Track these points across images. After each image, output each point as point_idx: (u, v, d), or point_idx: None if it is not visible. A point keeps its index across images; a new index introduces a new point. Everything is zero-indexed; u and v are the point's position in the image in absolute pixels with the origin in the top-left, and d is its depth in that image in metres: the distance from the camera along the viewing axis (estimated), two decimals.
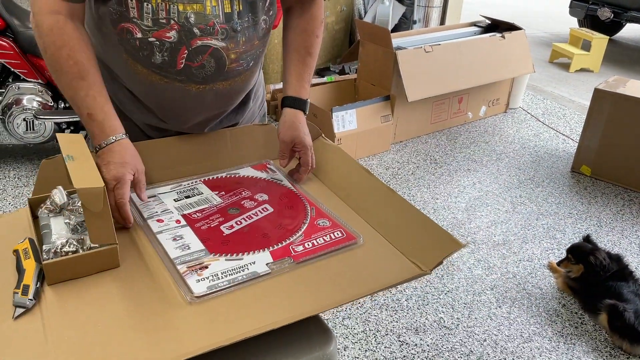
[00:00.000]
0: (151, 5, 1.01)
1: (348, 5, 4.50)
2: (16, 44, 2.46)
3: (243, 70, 1.16)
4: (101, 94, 1.05)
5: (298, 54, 1.26)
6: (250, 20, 1.11)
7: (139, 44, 1.07)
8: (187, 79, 1.11)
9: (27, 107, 2.50)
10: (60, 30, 1.00)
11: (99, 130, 1.03)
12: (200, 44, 1.06)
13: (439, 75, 3.25)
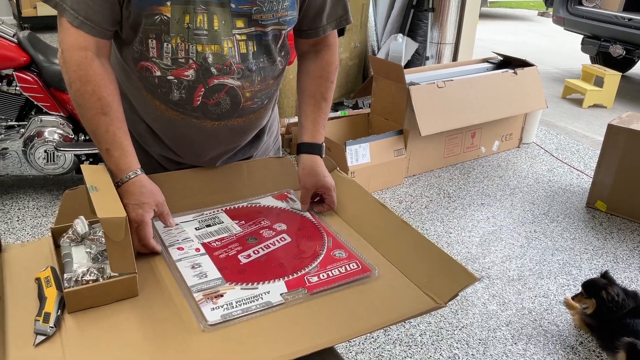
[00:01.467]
0: (171, 45, 1.06)
1: (362, 42, 4.58)
2: (40, 78, 2.54)
3: (257, 107, 1.20)
4: (121, 130, 1.08)
5: (313, 100, 1.29)
6: (265, 61, 1.15)
7: (157, 82, 1.11)
8: (202, 115, 1.15)
9: (48, 139, 2.57)
10: (87, 67, 1.04)
11: (115, 166, 1.06)
12: (216, 82, 1.10)
13: (452, 110, 3.28)
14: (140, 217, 1.01)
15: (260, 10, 1.08)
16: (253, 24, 1.09)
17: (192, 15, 1.04)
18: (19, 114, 2.61)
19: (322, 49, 1.29)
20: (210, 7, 1.04)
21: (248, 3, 1.07)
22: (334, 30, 1.27)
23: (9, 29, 2.55)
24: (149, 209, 1.04)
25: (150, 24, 1.04)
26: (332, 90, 1.31)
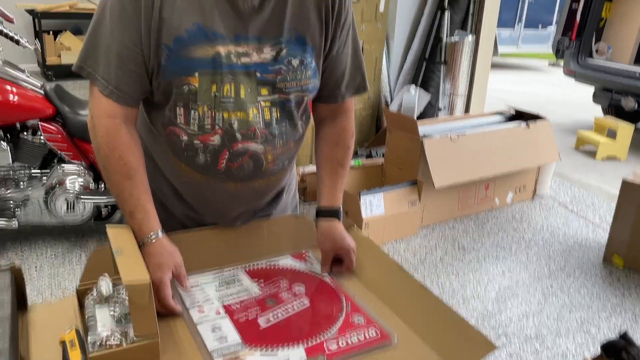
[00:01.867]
0: (198, 113, 1.10)
1: (375, 93, 4.68)
2: (64, 129, 2.62)
3: (278, 169, 1.24)
4: (144, 193, 1.13)
5: (331, 166, 1.33)
6: (287, 126, 1.19)
7: (184, 146, 1.15)
8: (226, 177, 1.18)
9: (69, 188, 2.62)
10: (115, 133, 1.09)
11: (138, 228, 1.10)
12: (240, 147, 1.14)
13: (465, 162, 3.31)
14: (159, 278, 1.04)
15: (284, 79, 1.13)
16: (277, 92, 1.14)
17: (219, 84, 1.08)
18: (42, 163, 2.68)
19: (339, 115, 1.32)
20: (237, 76, 1.09)
21: (273, 72, 1.12)
22: (351, 97, 1.31)
23: (36, 81, 2.65)
24: (167, 270, 1.07)
25: (179, 93, 1.08)
26: (350, 156, 1.34)
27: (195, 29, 1.05)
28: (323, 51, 1.20)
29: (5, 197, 2.60)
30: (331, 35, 1.19)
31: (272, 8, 1.10)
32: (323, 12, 1.17)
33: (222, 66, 1.08)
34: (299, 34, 1.14)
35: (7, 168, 2.59)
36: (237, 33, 1.08)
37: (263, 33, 1.10)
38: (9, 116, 2.51)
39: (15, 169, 2.62)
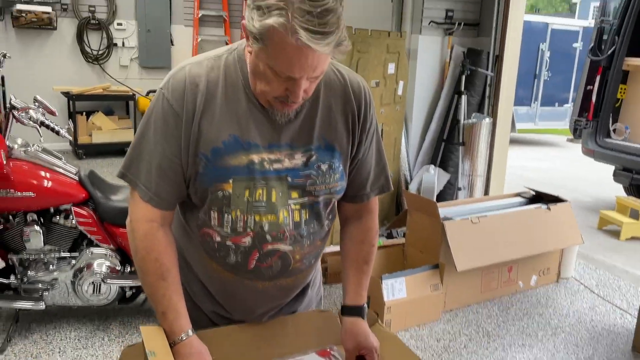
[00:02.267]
0: (231, 216, 1.17)
1: (395, 173, 4.76)
2: (95, 213, 2.71)
3: (305, 267, 1.29)
4: (176, 294, 1.18)
5: (356, 264, 1.36)
6: (315, 226, 1.24)
7: (217, 246, 1.21)
8: (255, 277, 1.23)
9: (96, 271, 2.68)
10: (153, 237, 1.17)
11: (169, 328, 1.15)
12: (270, 248, 1.19)
13: (487, 245, 3.30)
14: None
15: (314, 182, 1.20)
16: (307, 194, 1.20)
17: (252, 189, 1.15)
18: (72, 246, 2.76)
19: (364, 214, 1.37)
20: (270, 181, 1.16)
21: (303, 177, 1.19)
22: (375, 197, 1.37)
23: (72, 168, 2.78)
24: None
25: (214, 198, 1.15)
26: (374, 253, 1.39)
27: (231, 140, 1.14)
28: (350, 155, 1.27)
29: (34, 279, 2.67)
30: (357, 141, 1.26)
31: (303, 118, 1.19)
32: (349, 120, 1.25)
33: (255, 172, 1.15)
34: (327, 141, 1.21)
35: (38, 251, 2.68)
36: (270, 142, 1.16)
37: (295, 141, 1.18)
38: (46, 201, 2.62)
39: (46, 251, 2.70)
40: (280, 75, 1.04)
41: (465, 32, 4.90)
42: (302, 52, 0.99)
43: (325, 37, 0.97)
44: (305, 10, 0.95)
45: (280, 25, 0.96)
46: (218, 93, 1.14)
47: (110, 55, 6.84)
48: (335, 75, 1.23)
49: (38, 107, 2.64)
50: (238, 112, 1.14)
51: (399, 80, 4.45)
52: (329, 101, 1.22)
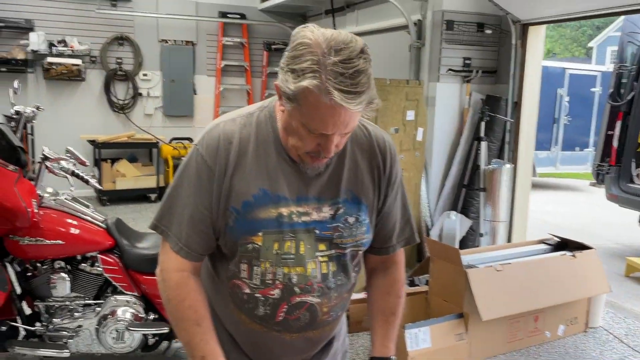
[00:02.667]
0: (260, 269, 1.19)
1: (415, 218, 4.75)
2: (121, 260, 2.75)
3: (332, 320, 1.30)
4: (213, 338, 1.21)
5: (383, 316, 1.38)
6: (343, 278, 1.26)
7: (246, 298, 1.23)
8: (283, 329, 1.24)
9: (120, 319, 2.69)
10: (185, 286, 1.20)
11: None
12: (298, 300, 1.22)
13: (512, 293, 3.25)
14: None
15: (341, 235, 1.23)
16: (334, 247, 1.23)
17: (281, 242, 1.18)
18: (97, 293, 2.79)
19: (390, 266, 1.40)
20: (298, 233, 1.19)
21: (331, 229, 1.22)
22: (401, 249, 1.39)
23: (99, 216, 2.84)
24: None
25: (244, 250, 1.19)
26: (401, 305, 1.40)
27: (261, 193, 1.18)
28: (376, 208, 1.29)
29: (59, 326, 2.69)
30: (383, 194, 1.30)
31: (331, 172, 1.23)
32: (375, 174, 1.28)
33: (284, 225, 1.18)
34: (354, 194, 1.25)
35: (64, 298, 2.71)
36: (299, 195, 1.20)
37: (322, 194, 1.22)
38: (73, 249, 2.67)
39: (72, 298, 2.73)
40: (313, 132, 1.10)
41: (483, 79, 4.97)
42: (335, 111, 1.05)
43: (358, 97, 1.03)
44: (338, 72, 1.02)
45: (314, 86, 1.03)
46: (250, 149, 1.19)
47: (135, 104, 7.06)
48: (361, 131, 1.28)
49: (70, 158, 2.73)
50: (268, 167, 1.19)
51: (418, 127, 4.51)
52: (355, 155, 1.26)
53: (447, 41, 4.76)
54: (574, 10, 4.12)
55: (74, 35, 6.60)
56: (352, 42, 1.06)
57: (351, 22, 6.34)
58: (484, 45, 4.90)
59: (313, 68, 1.03)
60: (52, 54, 6.45)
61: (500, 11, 4.57)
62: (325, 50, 1.03)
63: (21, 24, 6.34)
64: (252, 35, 7.61)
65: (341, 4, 6.39)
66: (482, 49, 4.91)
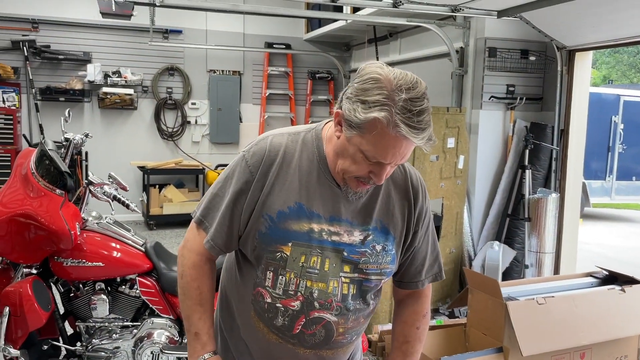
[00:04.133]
0: (285, 278, 1.26)
1: (457, 248, 4.65)
2: (158, 284, 2.82)
3: (347, 342, 1.33)
4: (209, 319, 1.35)
5: (397, 343, 1.46)
6: (361, 304, 1.30)
7: (267, 307, 1.29)
8: (298, 342, 1.30)
9: (156, 341, 2.75)
10: (200, 269, 1.35)
11: (201, 347, 1.33)
12: (317, 315, 1.27)
13: (556, 328, 3.11)
14: None
15: (367, 261, 1.28)
16: (358, 271, 1.28)
17: (308, 256, 1.25)
18: (134, 315, 2.86)
19: (417, 300, 1.45)
20: (325, 251, 1.25)
21: (359, 254, 1.29)
22: (429, 284, 1.43)
23: (139, 239, 2.93)
24: None
25: (272, 258, 1.28)
26: (417, 336, 1.45)
27: (296, 207, 1.27)
28: (404, 243, 1.34)
29: (98, 347, 2.76)
30: (413, 230, 1.35)
31: (365, 200, 1.30)
32: (406, 209, 1.34)
33: (313, 240, 1.25)
34: (383, 225, 1.30)
35: (104, 319, 2.79)
36: (332, 215, 1.28)
37: (355, 219, 1.29)
38: (113, 271, 2.75)
39: (110, 320, 2.81)
40: (370, 160, 1.19)
41: (527, 107, 4.87)
42: (398, 143, 1.15)
43: (421, 132, 1.14)
44: (407, 108, 1.13)
45: (384, 117, 1.13)
46: (293, 163, 1.29)
47: (183, 132, 7.30)
48: (397, 167, 1.36)
49: (112, 183, 2.85)
50: (308, 184, 1.28)
51: (459, 154, 4.44)
52: (389, 189, 1.34)
53: (490, 68, 4.71)
54: (621, 36, 4.00)
55: (128, 67, 6.93)
56: (418, 84, 1.16)
57: (394, 51, 6.39)
58: (528, 72, 4.81)
59: (384, 102, 1.13)
60: (107, 84, 6.79)
61: (545, 38, 4.49)
62: (394, 87, 1.14)
63: (79, 56, 6.72)
64: (296, 65, 7.77)
65: (384, 32, 6.45)
66: (526, 75, 4.82)
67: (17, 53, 6.55)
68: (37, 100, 6.62)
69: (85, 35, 6.78)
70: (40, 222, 2.55)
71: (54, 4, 6.62)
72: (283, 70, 7.68)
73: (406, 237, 1.35)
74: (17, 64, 6.54)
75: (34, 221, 2.55)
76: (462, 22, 4.88)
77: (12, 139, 6.25)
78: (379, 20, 5.27)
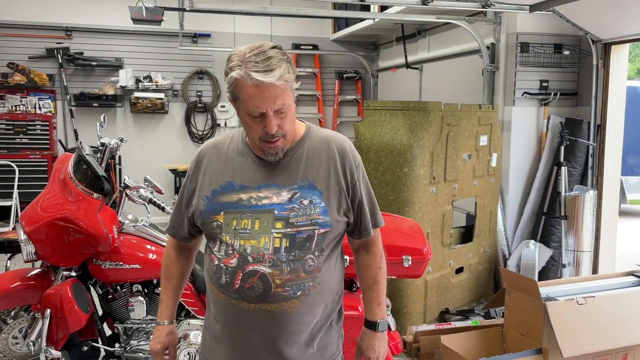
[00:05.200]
0: (224, 242, 1.48)
1: (491, 247, 4.57)
2: (194, 285, 2.84)
3: (290, 296, 1.46)
4: (172, 292, 1.71)
5: (367, 286, 1.69)
6: (297, 255, 1.46)
7: (215, 269, 1.51)
8: (240, 297, 1.46)
9: (192, 342, 2.77)
10: (168, 252, 1.73)
11: (159, 313, 1.70)
12: (251, 268, 1.44)
13: (596, 329, 3.03)
14: (155, 349, 1.67)
15: (296, 214, 1.46)
16: (289, 226, 1.46)
17: (239, 220, 1.47)
18: None
19: (372, 244, 1.67)
20: (256, 214, 1.47)
21: (287, 210, 1.46)
22: (376, 229, 1.65)
23: None
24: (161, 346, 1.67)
25: (211, 228, 1.50)
26: (382, 275, 1.69)
27: (227, 184, 1.51)
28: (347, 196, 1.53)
29: (136, 348, 2.80)
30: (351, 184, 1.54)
31: (289, 165, 1.51)
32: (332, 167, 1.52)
33: (242, 207, 1.47)
34: (310, 182, 1.50)
35: (141, 320, 2.83)
36: (259, 183, 1.49)
37: (281, 182, 1.49)
38: (150, 273, 2.79)
39: (148, 321, 2.85)
40: (254, 116, 1.40)
41: (562, 102, 4.76)
42: (260, 89, 1.36)
43: (271, 73, 1.36)
44: (253, 61, 1.36)
45: (238, 75, 1.37)
46: (223, 152, 1.55)
47: (213, 134, 7.38)
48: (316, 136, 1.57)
49: (147, 186, 2.89)
50: (235, 163, 1.53)
51: (492, 152, 4.37)
52: (311, 152, 1.53)
53: (522, 64, 4.62)
54: None
55: (158, 71, 7.05)
56: (263, 45, 1.40)
57: (422, 49, 6.33)
58: (562, 66, 4.70)
59: (237, 65, 1.37)
60: (139, 89, 6.91)
61: (579, 31, 4.39)
62: (244, 53, 1.38)
63: (112, 62, 6.86)
64: (323, 65, 7.77)
65: (412, 30, 6.39)
66: (560, 70, 4.72)
67: (51, 60, 6.73)
68: (71, 106, 6.78)
69: (117, 42, 6.92)
70: (79, 225, 2.60)
71: (86, 12, 6.77)
72: (310, 71, 7.69)
73: (347, 191, 1.53)
74: (52, 71, 6.71)
75: (73, 225, 2.60)
76: (492, 18, 4.80)
77: (49, 145, 6.41)
78: (407, 18, 5.23)
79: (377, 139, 3.85)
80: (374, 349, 1.65)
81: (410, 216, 3.71)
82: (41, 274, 2.90)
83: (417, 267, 2.68)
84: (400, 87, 7.01)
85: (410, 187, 3.75)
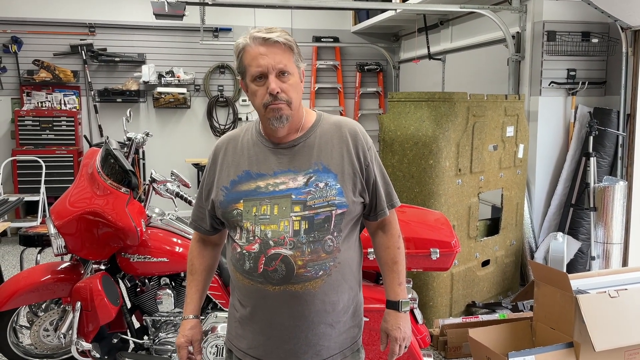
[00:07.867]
0: (245, 229, 1.52)
1: (518, 240, 4.51)
2: (220, 278, 2.85)
3: (312, 277, 1.49)
4: (196, 287, 1.73)
5: (387, 266, 1.70)
6: (316, 236, 1.49)
7: (238, 256, 1.54)
8: (265, 280, 1.50)
9: (220, 335, 2.78)
10: (192, 247, 1.76)
11: (184, 308, 1.73)
12: (273, 252, 1.48)
13: (629, 322, 2.96)
14: (180, 343, 1.68)
15: (313, 197, 1.50)
16: (307, 209, 1.50)
17: (258, 207, 1.51)
18: None
19: (388, 225, 1.69)
20: (274, 199, 1.50)
21: (304, 194, 1.50)
22: (392, 210, 1.67)
23: None
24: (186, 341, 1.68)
25: (232, 216, 1.54)
26: (401, 254, 1.70)
27: (244, 173, 1.56)
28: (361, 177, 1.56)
29: (165, 340, 2.83)
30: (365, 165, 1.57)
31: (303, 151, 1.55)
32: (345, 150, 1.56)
33: (261, 194, 1.52)
34: (324, 165, 1.54)
35: (169, 313, 2.85)
36: (276, 171, 1.54)
37: (296, 167, 1.54)
38: (177, 266, 2.81)
39: (175, 314, 2.87)
40: (257, 77, 1.47)
41: (590, 91, 4.66)
42: (261, 49, 1.46)
43: (272, 32, 1.46)
44: (257, 31, 1.48)
45: (243, 40, 1.48)
46: (239, 143, 1.60)
47: (235, 128, 7.38)
48: (327, 122, 1.61)
49: (174, 180, 2.90)
50: (251, 152, 1.57)
51: (518, 143, 4.30)
52: (323, 137, 1.57)
53: (549, 53, 4.52)
54: None
55: (180, 66, 7.08)
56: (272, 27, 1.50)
57: (445, 39, 6.24)
58: (590, 55, 4.60)
59: (243, 37, 1.50)
60: (161, 84, 6.95)
61: (607, 18, 4.27)
62: (252, 30, 1.49)
63: (134, 57, 6.91)
64: (344, 58, 7.73)
65: (434, 21, 6.31)
66: (588, 59, 4.61)
67: (76, 57, 6.80)
68: (95, 102, 6.86)
69: (139, 37, 6.96)
70: (108, 219, 2.62)
71: (109, 8, 6.83)
72: (331, 64, 7.65)
73: (361, 172, 1.56)
74: (76, 68, 6.79)
75: (102, 219, 2.63)
76: (518, 6, 4.71)
77: (74, 140, 6.50)
78: (430, 8, 5.15)
79: (401, 131, 3.81)
80: (399, 328, 1.66)
81: (435, 208, 3.67)
82: (71, 267, 2.94)
83: (445, 260, 2.65)
84: (423, 78, 6.93)
85: (435, 179, 3.71)
